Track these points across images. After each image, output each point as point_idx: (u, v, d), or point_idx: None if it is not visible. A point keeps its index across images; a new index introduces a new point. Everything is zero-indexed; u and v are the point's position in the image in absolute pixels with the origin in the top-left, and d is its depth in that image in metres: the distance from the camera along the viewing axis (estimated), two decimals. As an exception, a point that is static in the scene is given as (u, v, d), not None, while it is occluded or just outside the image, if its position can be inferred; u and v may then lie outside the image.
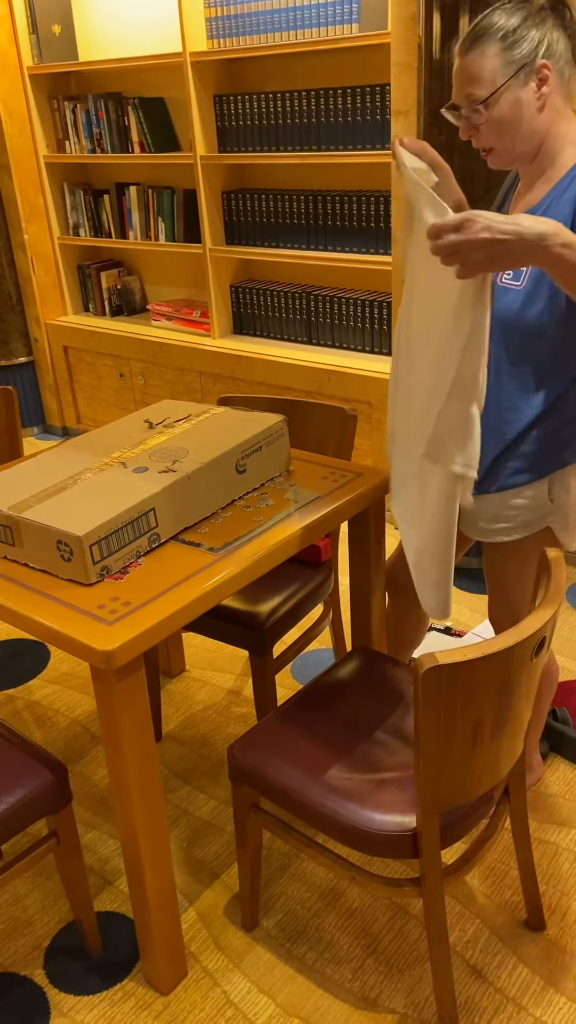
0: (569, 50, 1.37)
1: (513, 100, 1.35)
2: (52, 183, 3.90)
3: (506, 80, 1.34)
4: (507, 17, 1.33)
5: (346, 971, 1.66)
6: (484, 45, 1.34)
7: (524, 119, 1.37)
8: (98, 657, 1.31)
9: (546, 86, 1.35)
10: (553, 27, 1.34)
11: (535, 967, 1.64)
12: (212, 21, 3.10)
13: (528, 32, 1.33)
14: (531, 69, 1.34)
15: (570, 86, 1.39)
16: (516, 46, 1.32)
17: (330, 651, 2.58)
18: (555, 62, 1.35)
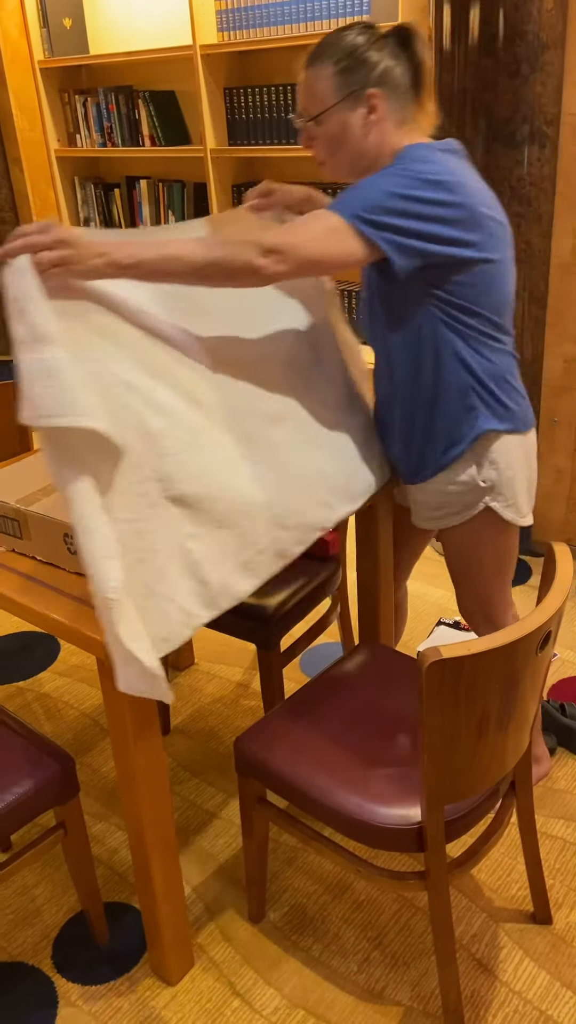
0: (409, 77, 1.42)
1: (341, 122, 1.43)
2: (63, 177, 3.90)
3: (335, 103, 1.42)
4: (349, 41, 1.40)
5: (352, 963, 1.66)
6: (321, 65, 1.42)
7: (351, 141, 1.45)
8: (103, 649, 1.32)
9: (375, 114, 1.42)
10: (392, 56, 1.41)
11: (541, 961, 1.64)
12: (222, 14, 3.09)
13: (365, 60, 1.39)
14: (361, 96, 1.41)
15: (406, 112, 1.46)
16: (350, 72, 1.40)
17: (339, 645, 2.58)
18: (389, 90, 1.42)
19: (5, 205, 3.92)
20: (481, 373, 1.55)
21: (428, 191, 1.36)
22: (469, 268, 1.44)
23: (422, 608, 2.74)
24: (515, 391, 1.60)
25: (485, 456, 1.60)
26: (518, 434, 1.61)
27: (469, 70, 2.34)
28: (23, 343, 1.21)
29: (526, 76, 2.33)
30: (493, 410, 1.57)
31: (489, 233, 1.44)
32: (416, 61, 1.43)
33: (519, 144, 2.39)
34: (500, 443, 1.60)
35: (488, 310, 1.51)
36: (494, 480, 1.62)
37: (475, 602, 1.79)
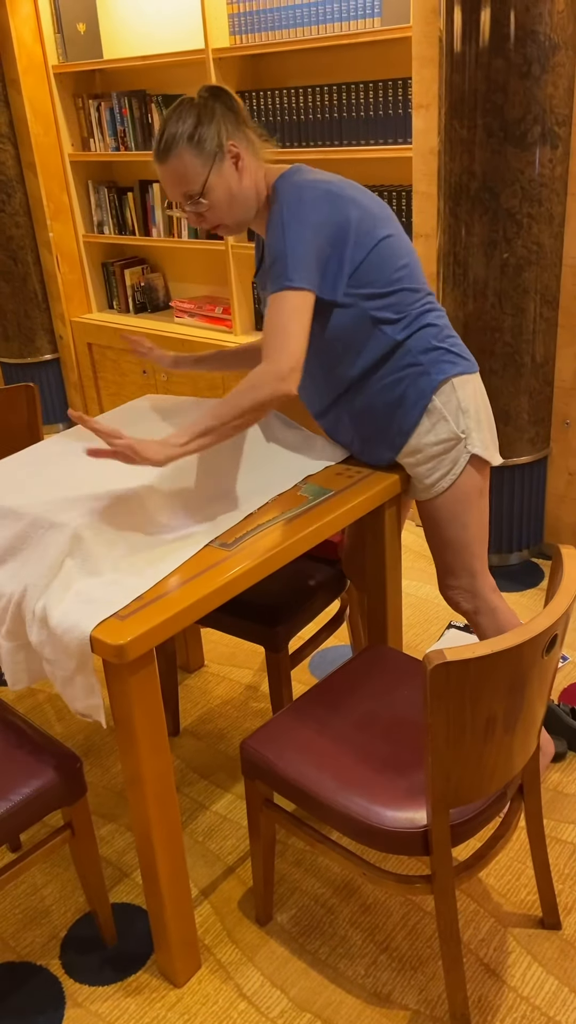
0: (236, 121, 1.62)
1: (222, 183, 1.60)
2: (77, 181, 3.93)
3: (208, 171, 1.59)
4: (184, 122, 1.57)
5: (359, 967, 1.66)
6: (178, 151, 1.58)
7: (236, 192, 1.62)
8: (110, 651, 1.33)
9: (241, 160, 1.61)
10: (220, 111, 1.60)
11: (550, 967, 1.63)
12: (234, 17, 3.10)
13: (207, 126, 1.57)
14: (223, 153, 1.59)
15: (254, 147, 1.65)
16: (204, 142, 1.57)
17: (348, 647, 2.58)
18: (237, 137, 1.61)
19: (19, 209, 3.95)
20: (419, 339, 1.69)
21: (323, 218, 1.56)
22: (374, 254, 1.62)
23: (431, 611, 2.73)
24: (454, 341, 1.73)
25: (452, 405, 1.71)
26: (470, 374, 1.74)
27: (480, 71, 2.34)
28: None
29: (537, 77, 2.32)
30: (441, 364, 1.70)
31: (373, 216, 1.62)
32: (233, 107, 1.62)
33: (530, 145, 2.38)
34: (461, 388, 1.72)
35: (396, 283, 1.65)
36: (468, 425, 1.73)
37: (461, 575, 1.86)
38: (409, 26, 2.64)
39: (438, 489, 1.78)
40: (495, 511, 2.86)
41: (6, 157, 3.84)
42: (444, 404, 1.71)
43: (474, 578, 1.86)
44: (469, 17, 2.31)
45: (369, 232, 1.61)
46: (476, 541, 1.84)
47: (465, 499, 1.78)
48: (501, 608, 1.89)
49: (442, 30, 2.40)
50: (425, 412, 1.71)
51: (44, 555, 1.46)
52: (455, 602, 1.90)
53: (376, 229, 1.63)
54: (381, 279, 1.64)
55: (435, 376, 1.70)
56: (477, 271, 2.55)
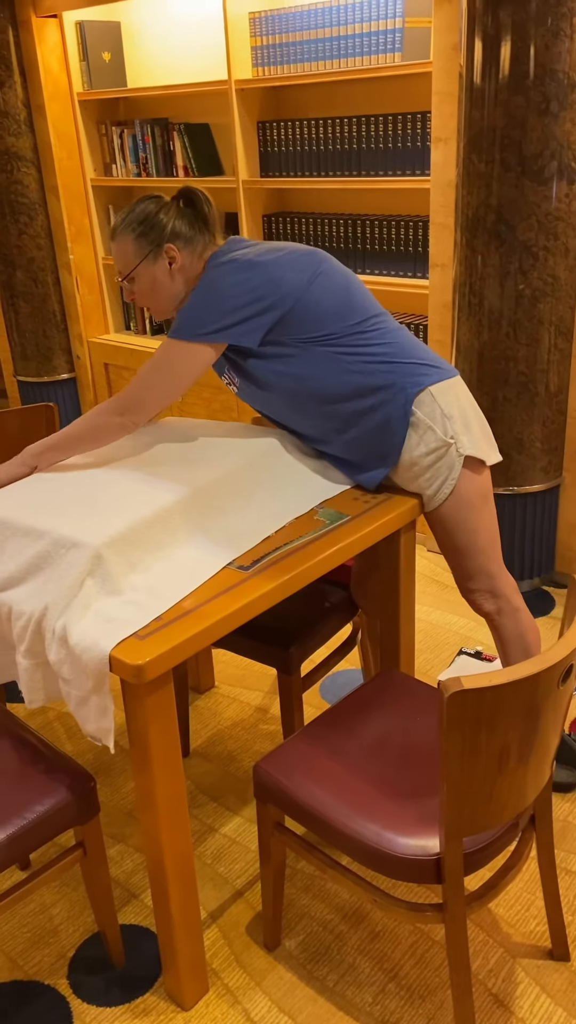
0: (192, 227, 1.74)
1: (149, 275, 1.75)
2: (98, 205, 3.99)
3: (139, 261, 1.74)
4: (140, 210, 1.73)
5: (367, 994, 1.65)
6: (123, 235, 1.74)
7: (161, 287, 1.76)
8: (128, 671, 1.34)
9: (175, 263, 1.74)
10: (177, 214, 1.73)
11: (558, 998, 1.62)
12: (258, 50, 3.17)
13: (156, 223, 1.72)
14: (159, 252, 1.73)
15: (202, 248, 1.76)
16: (146, 236, 1.72)
17: (358, 672, 2.59)
18: (183, 242, 1.74)
19: (41, 232, 4.01)
20: (382, 363, 1.73)
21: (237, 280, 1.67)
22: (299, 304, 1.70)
23: (443, 637, 2.73)
24: (421, 352, 1.78)
25: (436, 413, 1.74)
26: (447, 380, 1.77)
27: (499, 107, 2.38)
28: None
29: (555, 114, 2.36)
30: (414, 378, 1.74)
31: (294, 266, 1.70)
32: (202, 214, 1.75)
33: (547, 180, 2.42)
34: (441, 395, 1.75)
35: (341, 319, 1.72)
36: (456, 430, 1.76)
37: (479, 578, 1.88)
38: (429, 61, 2.69)
39: (440, 497, 1.81)
40: (507, 539, 2.87)
41: (30, 181, 3.91)
42: (427, 415, 1.74)
43: (492, 579, 1.89)
44: (489, 54, 2.36)
45: (292, 283, 1.69)
46: (488, 544, 1.86)
47: (469, 504, 1.81)
48: (523, 609, 1.93)
49: (462, 66, 2.45)
50: (410, 426, 1.75)
51: (65, 574, 1.48)
52: (477, 604, 1.93)
53: (299, 277, 1.70)
54: (315, 322, 1.71)
55: (410, 391, 1.73)
56: (492, 301, 2.58)
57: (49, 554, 1.52)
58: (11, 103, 3.77)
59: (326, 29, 2.95)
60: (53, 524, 1.57)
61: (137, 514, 1.58)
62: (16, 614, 1.51)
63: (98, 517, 1.58)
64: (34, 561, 1.53)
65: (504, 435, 2.72)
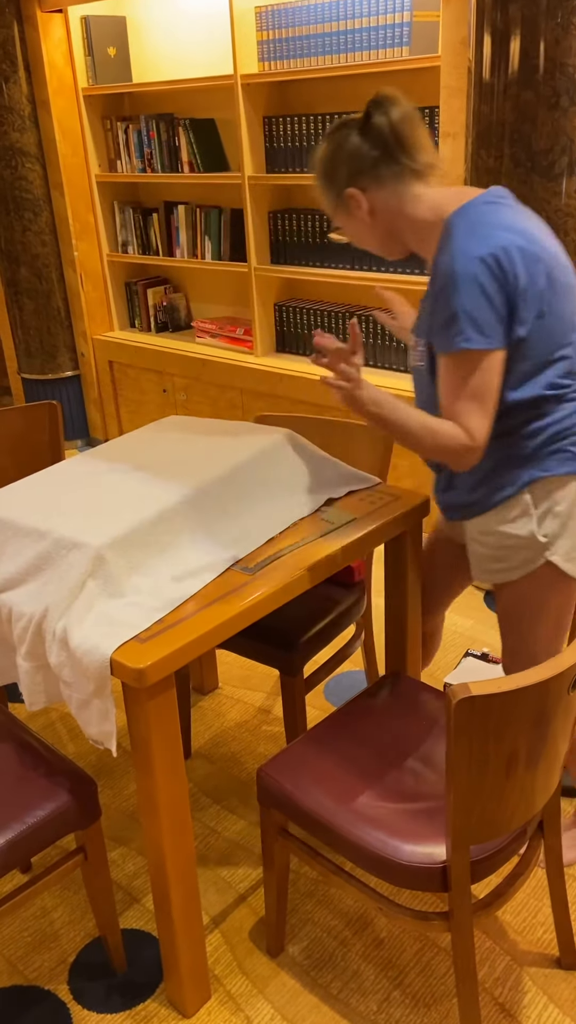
0: (382, 156, 1.44)
1: (346, 222, 1.53)
2: (103, 201, 3.97)
3: (334, 210, 1.52)
4: (320, 154, 1.49)
5: (371, 1003, 1.63)
6: (315, 179, 1.52)
7: (366, 233, 1.53)
8: (130, 675, 1.32)
9: (361, 208, 1.48)
10: (357, 145, 1.44)
11: (566, 1008, 1.59)
12: (264, 44, 3.14)
13: (333, 167, 1.47)
14: (343, 201, 1.49)
15: (402, 177, 1.45)
16: (330, 183, 1.49)
17: (362, 673, 2.56)
18: (367, 180, 1.45)
19: (46, 228, 3.99)
20: (546, 422, 1.48)
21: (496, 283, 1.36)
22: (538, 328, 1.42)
23: (449, 638, 2.71)
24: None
25: (545, 505, 1.51)
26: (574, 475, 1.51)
27: (508, 102, 2.35)
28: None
29: (565, 108, 2.33)
30: (553, 456, 1.49)
31: (552, 281, 1.41)
32: (380, 134, 1.43)
33: (557, 176, 2.39)
34: (563, 489, 1.51)
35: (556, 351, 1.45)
36: (555, 532, 1.52)
37: (523, 662, 1.65)
38: (438, 56, 2.66)
39: (496, 579, 1.60)
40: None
41: (34, 177, 3.89)
42: (539, 501, 1.50)
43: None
44: (498, 48, 2.33)
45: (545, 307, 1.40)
46: (548, 639, 1.62)
47: (526, 605, 1.58)
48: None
49: (471, 61, 2.42)
50: (511, 499, 1.52)
51: (66, 576, 1.46)
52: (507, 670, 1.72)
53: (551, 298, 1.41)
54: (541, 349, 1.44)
55: (536, 472, 1.48)
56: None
57: (50, 555, 1.50)
58: (16, 98, 3.75)
59: (333, 23, 2.92)
60: (54, 524, 1.54)
61: (139, 515, 1.56)
62: (16, 615, 1.48)
63: (100, 518, 1.56)
64: (35, 562, 1.51)
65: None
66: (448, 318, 1.38)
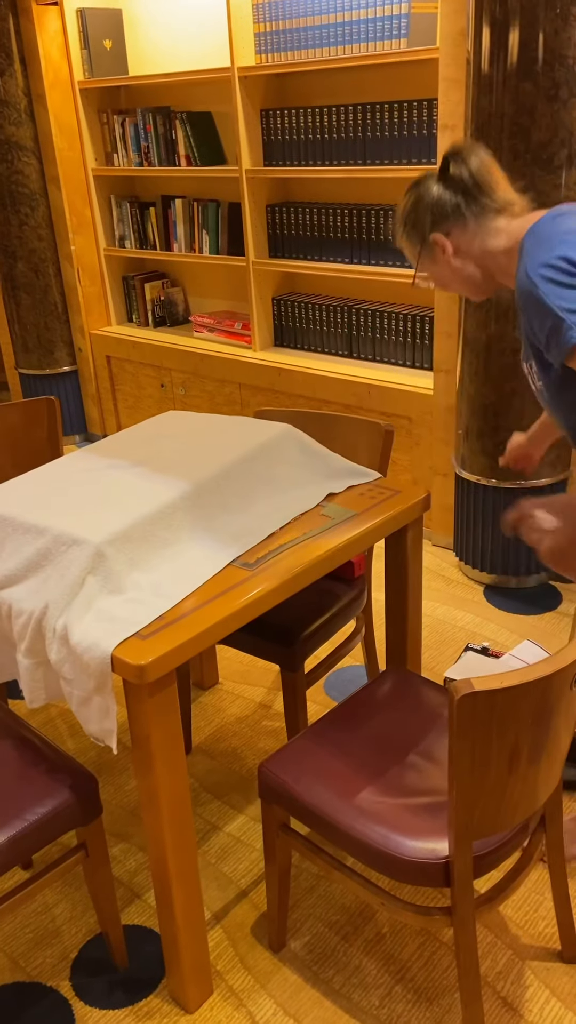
0: (462, 200, 1.49)
1: (433, 270, 1.56)
2: (100, 195, 3.95)
3: (417, 260, 1.56)
4: (402, 207, 1.54)
5: (374, 997, 1.63)
6: (398, 235, 1.58)
7: (452, 276, 1.55)
8: (131, 671, 1.31)
9: (447, 251, 1.52)
10: (437, 197, 1.49)
11: (568, 1001, 1.59)
12: (261, 36, 3.12)
13: (417, 216, 1.51)
14: (429, 246, 1.53)
15: (484, 216, 1.49)
16: (413, 231, 1.54)
17: (362, 668, 2.56)
18: (451, 223, 1.50)
19: (42, 222, 3.97)
20: None
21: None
22: None
23: (450, 632, 2.70)
24: None
25: None
26: None
27: (507, 94, 2.34)
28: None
29: (565, 100, 2.32)
30: None
31: None
32: (459, 181, 1.48)
33: (557, 168, 2.38)
34: None
35: None
36: None
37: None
38: (436, 47, 2.64)
39: None
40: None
41: (30, 171, 3.87)
42: None
43: None
44: (497, 40, 2.31)
45: None
46: None
47: None
48: None
49: (470, 52, 2.40)
50: None
51: (66, 572, 1.45)
52: None
53: None
54: None
55: None
56: (501, 292, 2.54)
57: (50, 551, 1.49)
58: (11, 92, 3.73)
59: (330, 15, 2.90)
60: (54, 521, 1.54)
61: (139, 511, 1.55)
62: (16, 612, 1.48)
63: (100, 514, 1.55)
64: (34, 559, 1.50)
65: (511, 428, 2.68)
66: (550, 326, 1.36)
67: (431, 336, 3.10)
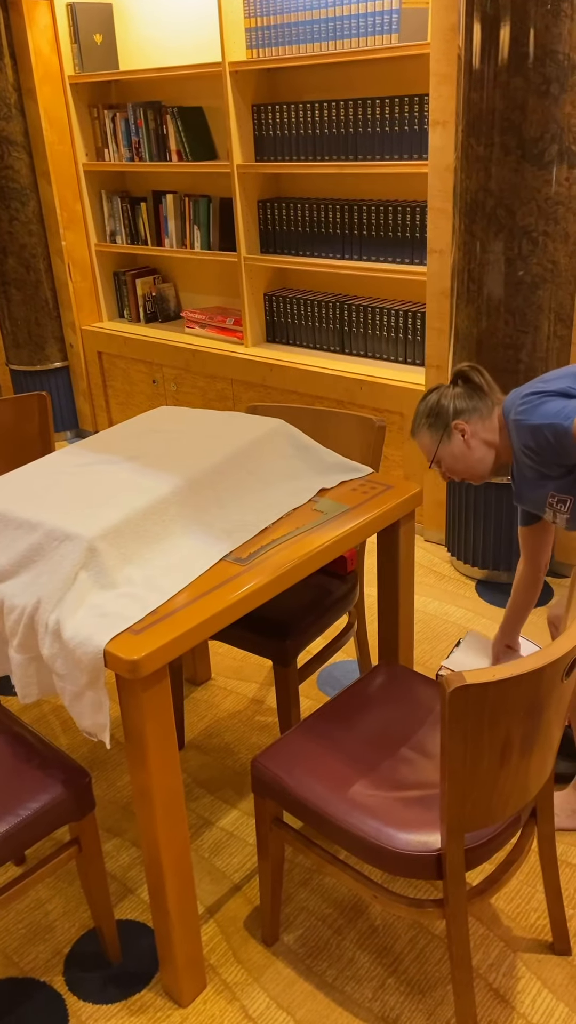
0: (472, 396, 1.82)
1: (449, 454, 1.83)
2: (90, 190, 3.94)
3: (437, 446, 1.83)
4: (426, 405, 1.84)
5: (367, 990, 1.63)
6: (419, 430, 1.86)
7: (465, 458, 1.83)
8: (124, 666, 1.31)
9: (466, 435, 1.81)
10: (456, 394, 1.83)
11: (559, 993, 1.60)
12: (252, 31, 3.11)
13: (441, 409, 1.82)
14: (450, 432, 1.82)
15: (485, 413, 1.83)
16: (437, 421, 1.83)
17: (355, 663, 2.56)
18: (467, 415, 1.82)
19: (33, 217, 3.96)
20: None
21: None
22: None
23: (440, 627, 2.71)
24: None
25: None
26: None
27: (498, 89, 2.34)
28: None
29: (556, 96, 2.32)
30: None
31: None
32: (477, 385, 1.83)
33: (547, 164, 2.38)
34: None
35: None
36: None
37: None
38: (427, 43, 2.64)
39: None
40: (505, 528, 2.84)
41: (21, 166, 3.85)
42: None
43: None
44: (488, 35, 2.31)
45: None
46: None
47: None
48: None
49: (461, 48, 2.40)
50: None
51: (58, 567, 1.45)
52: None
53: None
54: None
55: None
56: (492, 288, 2.54)
57: (42, 546, 1.49)
58: (1, 86, 3.71)
59: (322, 10, 2.90)
60: (46, 516, 1.53)
61: (132, 506, 1.55)
62: (8, 608, 1.48)
63: (92, 509, 1.55)
64: (27, 554, 1.50)
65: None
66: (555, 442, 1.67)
67: (423, 332, 3.11)
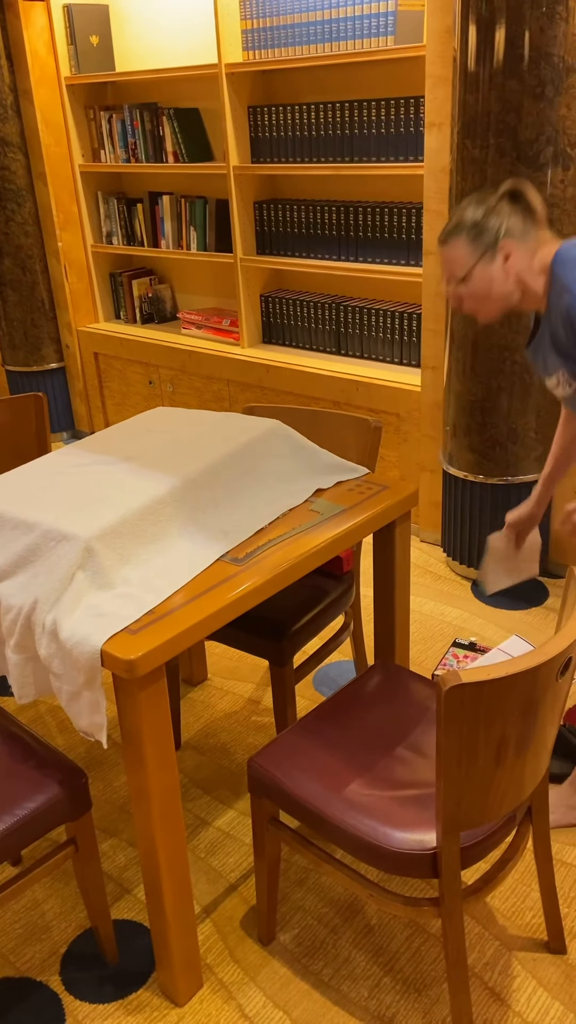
0: (524, 221, 1.66)
1: (485, 276, 1.66)
2: (87, 192, 3.94)
3: (475, 262, 1.65)
4: (471, 213, 1.66)
5: (363, 989, 1.64)
6: (455, 237, 1.66)
7: (496, 288, 1.67)
8: (120, 666, 1.32)
9: (509, 260, 1.65)
10: (509, 213, 1.66)
11: (555, 992, 1.61)
12: (248, 33, 3.12)
13: (489, 223, 1.65)
14: (494, 251, 1.65)
15: (531, 245, 1.68)
16: (481, 236, 1.65)
17: (351, 663, 2.57)
18: (515, 239, 1.65)
19: (29, 219, 3.96)
20: None
21: None
22: None
23: (435, 627, 2.72)
24: None
25: None
26: None
27: (494, 91, 2.35)
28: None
29: (551, 98, 2.33)
30: None
31: None
32: (531, 209, 1.67)
33: (543, 166, 2.39)
34: None
35: None
36: None
37: None
38: (423, 45, 2.65)
39: None
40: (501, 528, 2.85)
41: (17, 167, 3.85)
42: None
43: None
44: (484, 38, 2.32)
45: None
46: None
47: None
48: None
49: (456, 50, 2.41)
50: None
51: (55, 567, 1.46)
52: None
53: None
54: None
55: None
56: (487, 289, 2.55)
57: (39, 547, 1.50)
58: (-3, 87, 3.71)
59: (318, 12, 2.91)
60: (42, 516, 1.54)
61: (128, 506, 1.56)
62: (5, 608, 1.48)
63: (89, 509, 1.55)
64: (23, 554, 1.50)
65: (498, 425, 2.70)
66: None
67: (419, 333, 3.12)
